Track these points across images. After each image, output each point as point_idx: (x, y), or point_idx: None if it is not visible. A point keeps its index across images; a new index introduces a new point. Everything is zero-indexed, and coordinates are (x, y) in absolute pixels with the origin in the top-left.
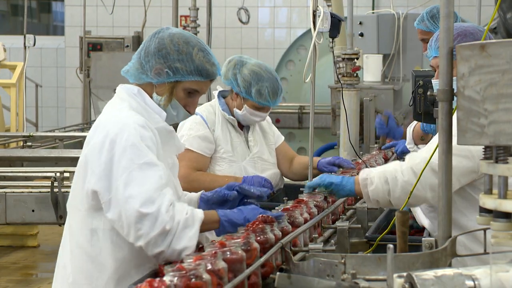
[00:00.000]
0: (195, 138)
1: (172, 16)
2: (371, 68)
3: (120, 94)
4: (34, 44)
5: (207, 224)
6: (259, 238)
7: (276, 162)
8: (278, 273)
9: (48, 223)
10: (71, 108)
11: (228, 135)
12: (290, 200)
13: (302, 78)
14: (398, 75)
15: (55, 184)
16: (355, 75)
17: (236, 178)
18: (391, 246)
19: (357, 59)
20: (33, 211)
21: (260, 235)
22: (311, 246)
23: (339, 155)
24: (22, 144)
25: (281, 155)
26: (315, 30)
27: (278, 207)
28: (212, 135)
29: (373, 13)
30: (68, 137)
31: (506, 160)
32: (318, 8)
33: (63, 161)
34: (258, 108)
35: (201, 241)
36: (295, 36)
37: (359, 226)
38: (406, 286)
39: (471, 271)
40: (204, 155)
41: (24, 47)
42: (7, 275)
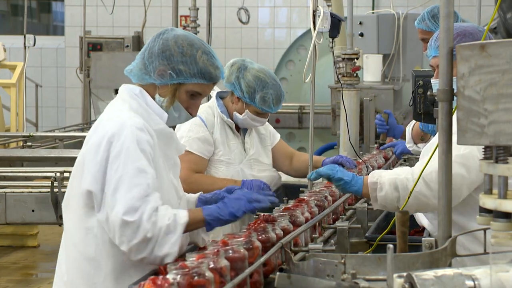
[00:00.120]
0: (195, 140)
1: (172, 16)
2: (371, 68)
3: (122, 94)
4: (34, 44)
5: (192, 225)
6: (261, 237)
7: (273, 163)
8: (278, 273)
9: (48, 223)
10: (71, 108)
11: (225, 138)
12: (291, 199)
13: (302, 78)
14: (398, 75)
15: (55, 184)
16: (355, 75)
17: (235, 181)
18: (391, 246)
19: (357, 59)
20: (33, 211)
21: (262, 234)
22: (311, 246)
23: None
24: (22, 144)
25: (279, 153)
26: (315, 30)
27: (278, 207)
28: (211, 137)
29: (373, 13)
30: (68, 137)
31: (506, 160)
32: (318, 8)
33: (63, 161)
34: (259, 114)
35: (197, 242)
36: (295, 36)
37: (359, 226)
38: (406, 286)
39: (471, 271)
40: (203, 157)
41: (24, 47)
42: (7, 275)
